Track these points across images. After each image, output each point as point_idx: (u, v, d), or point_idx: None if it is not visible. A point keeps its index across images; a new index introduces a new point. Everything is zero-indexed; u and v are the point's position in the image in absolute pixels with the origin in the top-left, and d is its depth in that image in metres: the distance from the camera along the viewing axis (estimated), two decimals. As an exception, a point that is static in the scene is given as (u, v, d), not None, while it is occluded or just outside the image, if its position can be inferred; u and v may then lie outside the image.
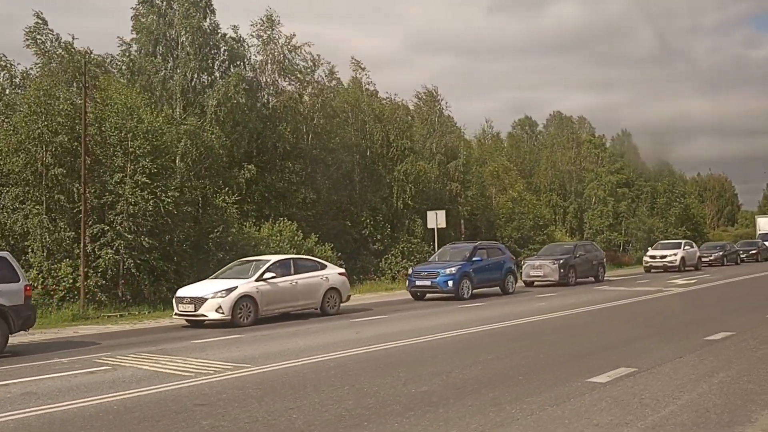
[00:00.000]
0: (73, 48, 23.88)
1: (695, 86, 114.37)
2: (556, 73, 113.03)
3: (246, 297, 15.23)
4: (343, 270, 18.49)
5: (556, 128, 57.85)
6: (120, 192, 20.25)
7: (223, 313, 14.83)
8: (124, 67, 25.55)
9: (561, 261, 25.70)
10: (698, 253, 36.51)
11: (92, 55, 24.22)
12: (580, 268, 26.60)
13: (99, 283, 19.60)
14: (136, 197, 20.16)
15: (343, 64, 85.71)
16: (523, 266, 26.88)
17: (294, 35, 29.44)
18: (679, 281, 25.87)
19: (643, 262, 35.93)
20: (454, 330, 12.89)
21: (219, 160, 25.13)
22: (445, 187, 37.03)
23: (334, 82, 32.41)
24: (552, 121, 60.53)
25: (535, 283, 26.13)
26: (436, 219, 26.79)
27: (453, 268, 20.77)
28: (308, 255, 26.73)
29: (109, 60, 25.34)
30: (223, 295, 14.97)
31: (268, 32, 28.86)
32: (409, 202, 33.22)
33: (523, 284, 25.89)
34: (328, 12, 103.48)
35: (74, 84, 23.26)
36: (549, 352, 10.29)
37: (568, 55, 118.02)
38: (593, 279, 27.49)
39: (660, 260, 34.44)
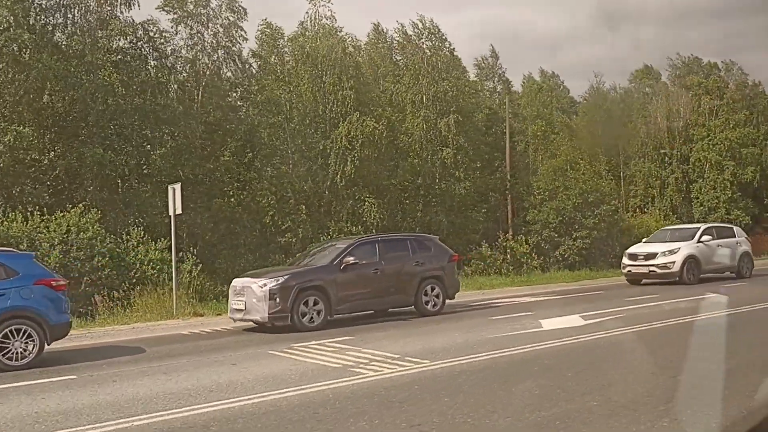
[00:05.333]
0: None
1: None
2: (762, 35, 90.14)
3: None
4: None
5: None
6: None
7: None
8: None
9: (281, 280, 12.06)
10: (744, 249, 19.83)
11: None
12: (350, 291, 12.68)
13: None
14: None
15: (522, 46, 74.90)
16: (229, 291, 13.26)
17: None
18: (556, 321, 11.38)
19: (621, 267, 20.12)
20: None
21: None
22: (434, 154, 26.59)
23: (236, 18, 23.51)
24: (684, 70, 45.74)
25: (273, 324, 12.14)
26: (174, 199, 14.38)
27: None
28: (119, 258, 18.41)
29: None
30: None
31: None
32: (354, 176, 23.53)
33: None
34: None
35: None
36: None
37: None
38: (416, 310, 13.47)
39: (643, 264, 18.99)
